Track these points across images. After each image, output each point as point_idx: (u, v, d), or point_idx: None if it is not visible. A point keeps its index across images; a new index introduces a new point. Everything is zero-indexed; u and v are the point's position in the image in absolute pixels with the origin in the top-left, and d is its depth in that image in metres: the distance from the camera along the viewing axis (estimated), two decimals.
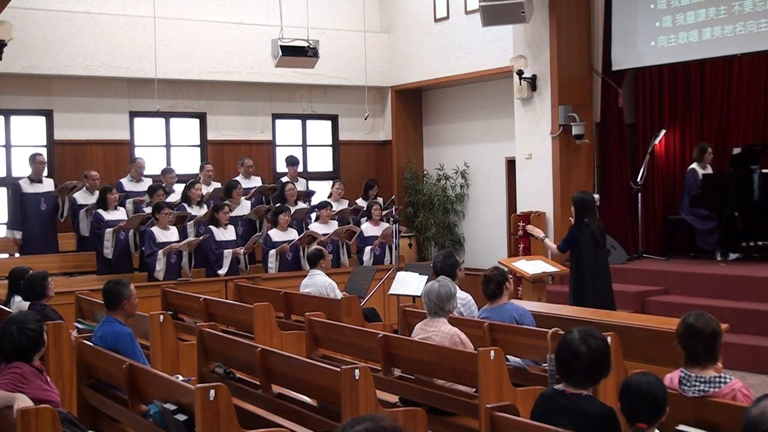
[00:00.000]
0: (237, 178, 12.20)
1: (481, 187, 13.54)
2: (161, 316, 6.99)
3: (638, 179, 11.22)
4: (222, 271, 10.74)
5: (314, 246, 9.70)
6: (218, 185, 12.08)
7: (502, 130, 12.82)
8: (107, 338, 5.78)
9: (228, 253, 10.76)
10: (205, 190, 11.93)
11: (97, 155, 12.33)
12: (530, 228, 9.12)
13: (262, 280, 10.61)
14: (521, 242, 11.13)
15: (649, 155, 11.39)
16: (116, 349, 5.62)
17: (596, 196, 10.20)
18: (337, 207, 12.45)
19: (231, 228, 11.05)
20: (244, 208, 11.79)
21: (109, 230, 10.59)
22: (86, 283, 9.89)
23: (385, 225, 12.08)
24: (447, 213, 13.85)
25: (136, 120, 12.78)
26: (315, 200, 12.75)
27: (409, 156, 14.42)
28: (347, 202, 12.82)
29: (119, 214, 10.89)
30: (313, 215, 12.19)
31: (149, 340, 6.96)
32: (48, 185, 11.23)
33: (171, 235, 10.59)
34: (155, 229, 10.47)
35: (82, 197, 11.22)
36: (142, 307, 6.77)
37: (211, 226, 10.86)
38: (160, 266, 10.34)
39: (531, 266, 9.36)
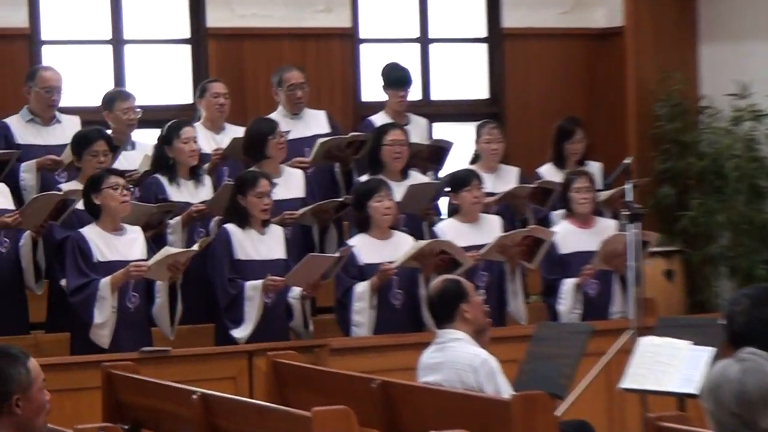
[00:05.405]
0: (273, 115, 7.50)
1: None
2: None
3: None
4: (242, 333, 6.74)
5: (450, 275, 5.75)
6: (238, 130, 7.43)
7: None
8: None
9: (255, 288, 6.60)
10: (209, 141, 7.29)
11: None
12: None
13: (330, 351, 7.15)
14: None
15: None
16: None
17: None
18: (493, 183, 7.72)
19: (277, 232, 6.96)
20: (290, 182, 7.20)
21: None
22: None
23: (606, 226, 7.50)
24: (760, 198, 8.91)
25: None
26: (448, 169, 8.25)
27: (665, 66, 9.09)
28: (516, 171, 8.08)
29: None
30: (444, 203, 8.05)
31: None
32: None
33: (122, 243, 6.71)
34: (89, 231, 6.59)
35: None
36: (67, 409, 5.21)
37: (229, 225, 6.91)
38: (101, 314, 6.21)
39: None
